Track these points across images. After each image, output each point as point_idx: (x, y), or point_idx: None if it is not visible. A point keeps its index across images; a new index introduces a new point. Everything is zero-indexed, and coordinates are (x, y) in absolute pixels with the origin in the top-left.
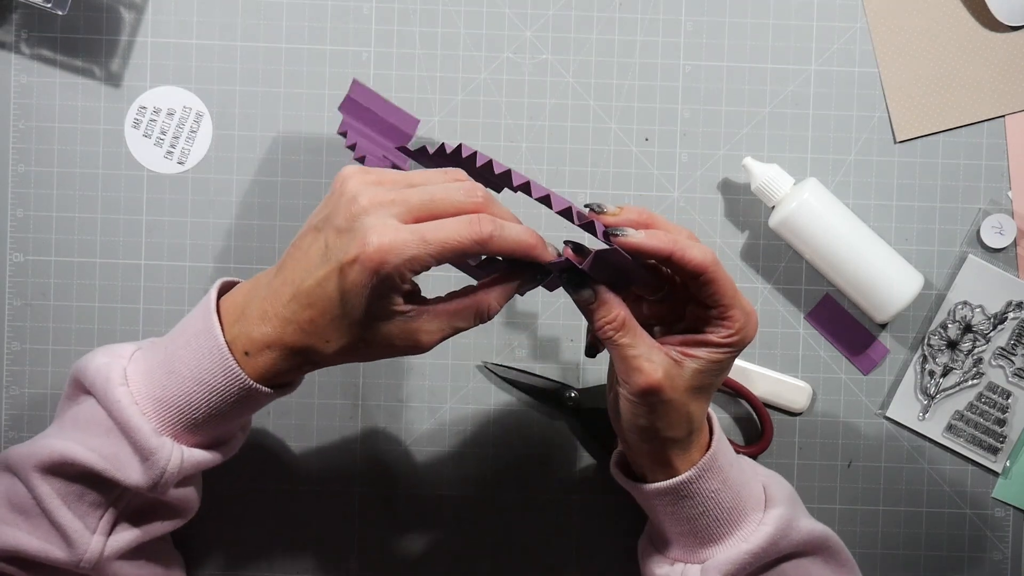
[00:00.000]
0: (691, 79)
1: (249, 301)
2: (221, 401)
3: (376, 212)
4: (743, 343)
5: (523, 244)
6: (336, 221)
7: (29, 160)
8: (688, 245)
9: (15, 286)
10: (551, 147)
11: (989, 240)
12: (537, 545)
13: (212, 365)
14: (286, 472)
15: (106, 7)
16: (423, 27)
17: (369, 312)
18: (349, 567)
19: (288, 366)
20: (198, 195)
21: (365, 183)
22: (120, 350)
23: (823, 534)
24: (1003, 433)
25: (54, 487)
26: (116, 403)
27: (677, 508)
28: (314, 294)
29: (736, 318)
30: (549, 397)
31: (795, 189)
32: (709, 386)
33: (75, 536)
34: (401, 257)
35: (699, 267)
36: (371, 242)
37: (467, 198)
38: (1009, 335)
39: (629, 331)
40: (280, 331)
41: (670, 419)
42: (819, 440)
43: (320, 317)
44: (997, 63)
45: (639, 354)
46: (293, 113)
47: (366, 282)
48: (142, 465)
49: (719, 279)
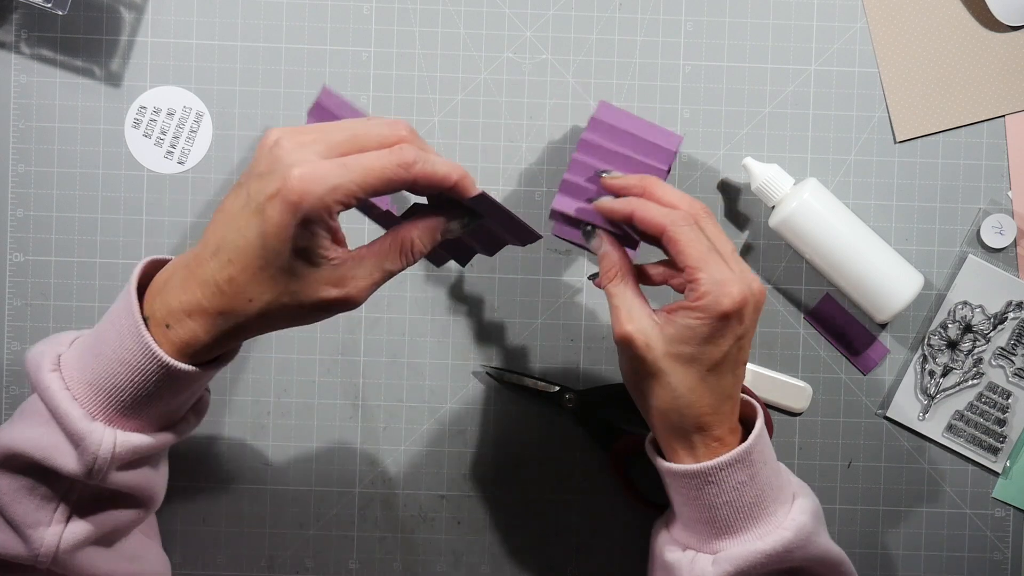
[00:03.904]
0: (691, 79)
1: (173, 272)
2: (144, 380)
3: (297, 150)
4: (715, 307)
5: (447, 176)
6: (258, 168)
7: (29, 160)
8: (646, 206)
9: (15, 286)
10: (551, 147)
11: (989, 240)
12: (537, 545)
13: (131, 343)
14: (286, 472)
15: (106, 7)
16: (423, 27)
17: (295, 255)
18: (349, 567)
19: (211, 336)
20: (198, 195)
21: (287, 132)
22: (60, 337)
23: (839, 557)
24: (1003, 433)
25: (5, 482)
26: (46, 389)
27: (700, 493)
28: (233, 245)
29: (703, 280)
30: (548, 398)
31: (795, 189)
32: (692, 357)
33: (28, 531)
34: (324, 186)
35: (654, 227)
36: (292, 175)
37: (391, 131)
38: (1009, 335)
39: (621, 283)
40: (199, 296)
41: (651, 384)
42: (819, 440)
43: (240, 273)
44: (997, 63)
45: (620, 304)
46: (293, 113)
47: (288, 220)
48: (75, 451)
49: (679, 239)
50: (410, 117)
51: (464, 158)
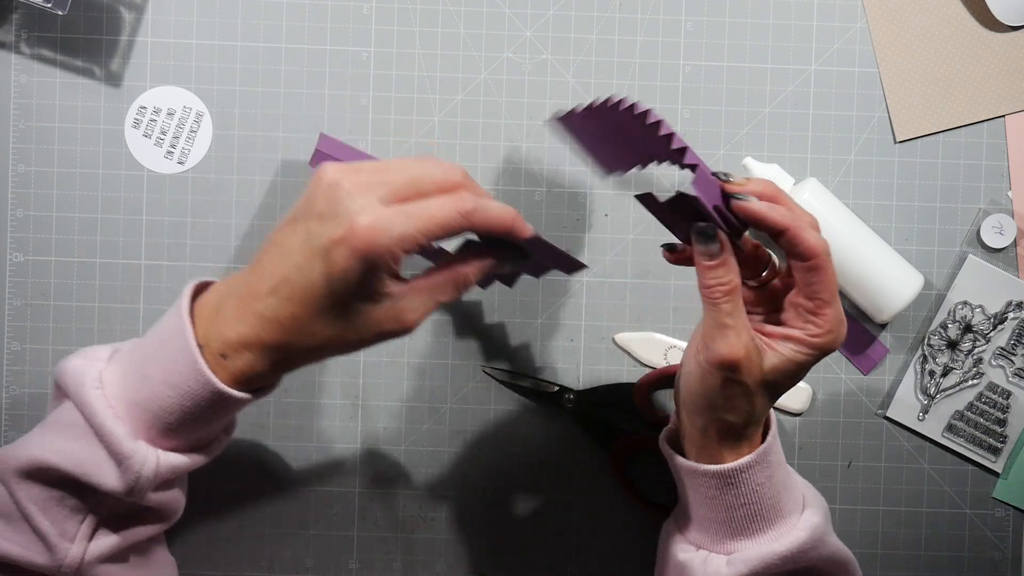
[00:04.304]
0: (691, 79)
1: (223, 300)
2: (194, 405)
3: (360, 194)
4: (829, 347)
5: (502, 221)
6: (317, 207)
7: (29, 160)
8: (805, 226)
9: (15, 286)
10: (551, 147)
11: (989, 240)
12: (537, 545)
13: (184, 368)
14: (286, 472)
15: (106, 7)
16: (423, 27)
17: (358, 296)
18: (349, 567)
19: (267, 367)
20: (198, 195)
21: (343, 171)
22: (98, 352)
23: (847, 556)
24: (1003, 433)
25: (33, 492)
26: (89, 406)
27: (719, 494)
28: (296, 284)
29: (829, 317)
30: (548, 398)
31: (795, 189)
32: (780, 386)
33: (55, 541)
34: (390, 236)
35: (811, 250)
36: (358, 222)
37: (448, 176)
38: (1009, 335)
39: (734, 299)
40: (258, 329)
41: (735, 402)
42: (819, 440)
43: (304, 311)
44: (997, 63)
45: (733, 324)
46: (293, 113)
47: (354, 266)
48: (117, 470)
49: (826, 269)
50: (410, 117)
51: (464, 158)
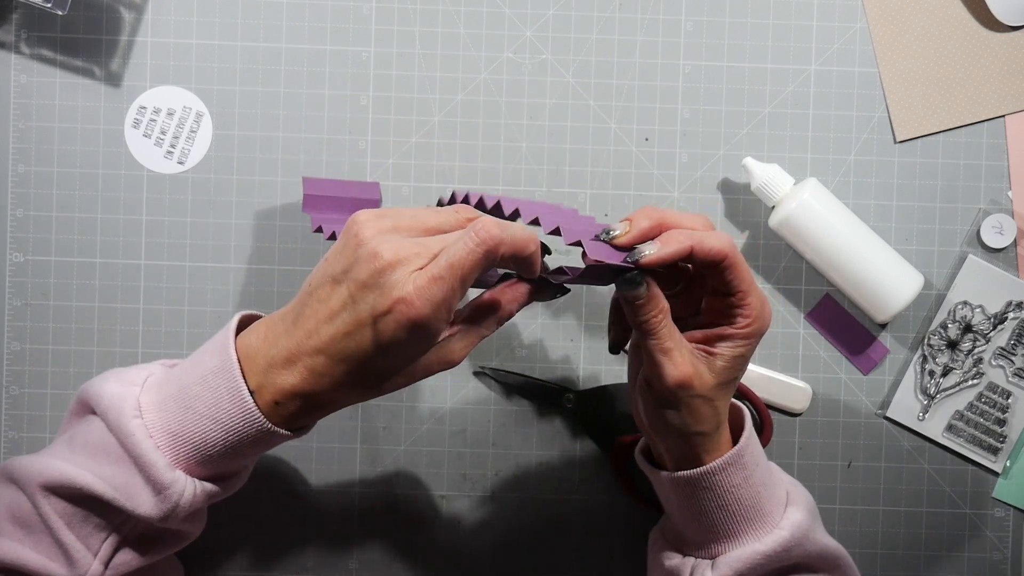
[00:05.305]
0: (691, 79)
1: (270, 348)
2: (238, 441)
3: (401, 268)
4: (760, 331)
5: (524, 247)
6: (358, 275)
7: (29, 160)
8: (704, 236)
9: (15, 286)
10: (551, 147)
11: (989, 240)
12: (537, 545)
13: (231, 407)
14: (286, 472)
15: (106, 7)
16: (423, 27)
17: (412, 356)
18: (349, 567)
19: (314, 411)
20: (198, 195)
21: (382, 231)
22: (131, 376)
23: (837, 552)
24: (1003, 433)
25: (59, 507)
26: (131, 436)
27: (695, 499)
28: (347, 349)
29: (753, 305)
30: (547, 399)
31: (795, 189)
32: (733, 380)
33: (77, 556)
34: (434, 305)
35: (719, 254)
36: (406, 297)
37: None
38: (1009, 335)
39: (667, 320)
40: (311, 382)
41: (699, 415)
42: (819, 440)
43: (357, 367)
44: (997, 63)
45: (673, 347)
46: (293, 113)
47: (404, 336)
48: (155, 497)
49: (738, 264)
50: (410, 117)
51: (464, 158)
